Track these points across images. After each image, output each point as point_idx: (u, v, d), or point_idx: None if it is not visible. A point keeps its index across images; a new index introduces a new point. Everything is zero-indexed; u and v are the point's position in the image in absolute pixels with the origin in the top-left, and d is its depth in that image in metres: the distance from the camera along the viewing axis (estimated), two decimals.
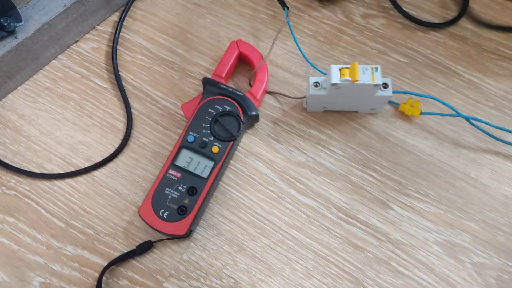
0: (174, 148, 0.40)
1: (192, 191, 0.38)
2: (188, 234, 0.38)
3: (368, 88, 0.38)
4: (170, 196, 0.38)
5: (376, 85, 0.37)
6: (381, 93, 0.39)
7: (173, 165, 0.39)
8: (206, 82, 0.42)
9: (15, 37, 0.42)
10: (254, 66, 0.43)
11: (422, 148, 0.41)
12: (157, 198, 0.38)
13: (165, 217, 0.38)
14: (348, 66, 0.37)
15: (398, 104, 0.43)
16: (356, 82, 0.37)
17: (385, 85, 0.39)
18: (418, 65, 0.45)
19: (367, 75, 0.37)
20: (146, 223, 0.38)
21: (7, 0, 0.41)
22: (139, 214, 0.38)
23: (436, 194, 0.40)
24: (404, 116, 0.43)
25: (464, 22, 0.47)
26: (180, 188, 0.38)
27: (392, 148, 0.42)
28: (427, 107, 0.43)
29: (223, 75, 0.42)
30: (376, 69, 0.37)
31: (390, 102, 0.43)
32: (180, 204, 0.38)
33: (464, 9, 0.47)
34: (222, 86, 0.42)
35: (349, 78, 0.37)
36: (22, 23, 0.42)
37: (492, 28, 0.46)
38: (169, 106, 0.44)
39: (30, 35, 0.42)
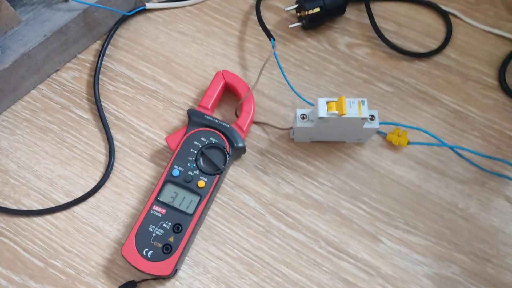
0: (159, 183, 0.38)
1: (178, 228, 0.37)
2: (173, 274, 0.36)
3: (355, 121, 0.37)
4: (154, 234, 0.37)
5: (363, 118, 0.37)
6: (368, 125, 0.39)
7: (157, 200, 0.38)
8: (191, 113, 0.41)
9: None
10: (241, 97, 0.42)
11: (410, 179, 0.41)
12: (141, 236, 0.37)
13: (149, 256, 0.36)
14: (335, 99, 0.37)
15: (385, 134, 0.43)
16: (343, 116, 0.36)
17: (372, 117, 0.39)
18: (403, 95, 0.45)
19: (354, 108, 0.37)
20: (129, 263, 0.36)
21: None
22: (121, 254, 0.36)
23: (425, 226, 0.39)
24: (391, 146, 0.42)
25: (448, 51, 0.47)
26: (164, 225, 0.37)
27: (380, 179, 0.41)
28: (414, 137, 0.43)
29: (209, 106, 0.41)
30: (363, 102, 0.37)
31: (378, 132, 0.43)
32: (165, 242, 0.36)
33: (448, 38, 0.47)
34: (207, 117, 0.40)
35: (336, 112, 0.36)
36: None
37: (474, 57, 0.47)
38: (153, 137, 0.43)
39: (8, 66, 0.40)
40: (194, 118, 0.41)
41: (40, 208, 0.40)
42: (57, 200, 0.40)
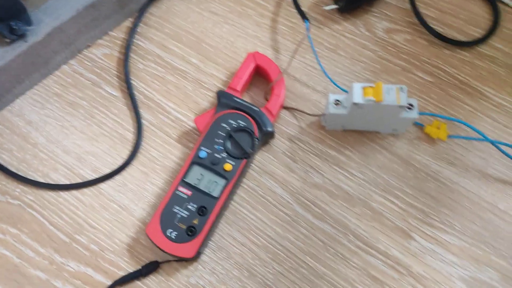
0: (185, 164, 0.36)
1: (202, 211, 0.34)
2: (196, 257, 0.34)
3: (392, 109, 0.34)
4: (179, 215, 0.34)
5: (401, 107, 0.33)
6: (406, 114, 0.35)
7: (183, 182, 0.35)
8: (221, 95, 0.38)
9: (25, 41, 0.38)
10: (271, 79, 0.39)
11: (448, 175, 0.37)
12: (166, 216, 0.34)
13: (173, 237, 0.34)
14: (372, 85, 0.33)
15: (422, 126, 0.39)
16: (380, 103, 0.33)
17: (411, 106, 0.35)
18: (444, 85, 0.41)
19: (392, 95, 0.33)
20: (153, 243, 0.34)
21: (18, 3, 0.37)
22: (146, 233, 0.34)
23: (462, 225, 0.35)
24: (428, 139, 0.38)
25: (493, 41, 0.42)
26: (189, 207, 0.35)
27: (415, 173, 0.37)
28: (453, 130, 0.38)
29: (239, 89, 0.38)
30: (402, 89, 0.33)
31: (415, 124, 0.39)
32: (189, 224, 0.34)
33: (494, 27, 0.42)
34: (237, 100, 0.38)
35: (373, 98, 0.33)
36: (32, 26, 0.38)
37: None
38: (182, 118, 0.40)
39: (41, 39, 0.39)
40: (223, 99, 0.38)
41: (68, 183, 0.38)
42: (84, 176, 0.39)
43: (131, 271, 0.35)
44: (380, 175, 0.37)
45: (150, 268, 0.35)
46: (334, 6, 0.43)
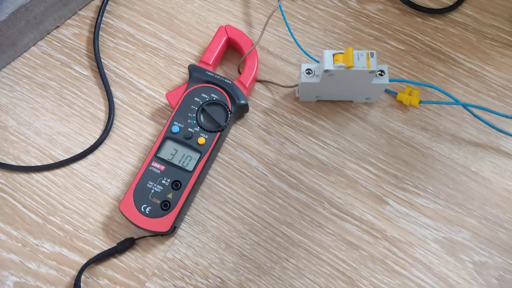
0: (158, 139, 0.35)
1: (177, 185, 0.34)
2: (172, 231, 0.34)
3: (363, 75, 0.33)
4: (153, 190, 0.34)
5: (372, 72, 0.33)
6: (377, 80, 0.35)
7: (156, 157, 0.35)
8: (192, 69, 0.37)
9: None
10: (244, 52, 0.38)
11: (420, 140, 0.37)
12: (139, 192, 0.34)
13: (147, 212, 0.33)
14: (342, 51, 0.33)
15: (395, 93, 0.38)
16: (351, 69, 0.32)
17: (382, 72, 0.35)
18: (416, 53, 0.40)
19: (362, 61, 0.33)
20: (127, 219, 0.33)
21: None
22: (119, 210, 0.34)
23: (435, 188, 0.36)
24: (401, 106, 0.38)
25: (465, 8, 0.42)
26: (163, 181, 0.34)
27: (388, 140, 0.37)
28: (426, 97, 0.38)
29: (211, 62, 0.38)
30: (372, 54, 0.33)
31: (387, 91, 0.39)
32: (163, 199, 0.34)
33: None
34: (209, 73, 0.37)
35: (343, 64, 0.32)
36: None
37: (492, 14, 0.42)
38: (154, 95, 0.40)
39: (4, 18, 0.37)
40: (195, 74, 0.37)
41: (39, 164, 0.37)
42: (56, 156, 0.38)
43: (106, 249, 0.34)
44: (354, 143, 0.37)
45: (125, 245, 0.34)
46: None
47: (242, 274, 0.34)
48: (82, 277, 0.34)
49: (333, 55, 0.33)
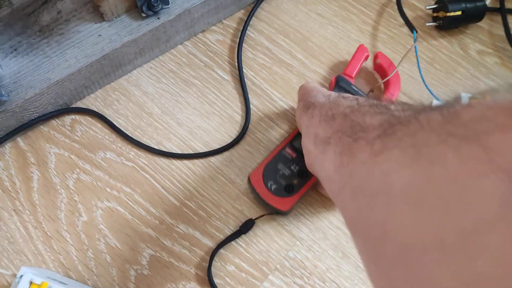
0: (294, 131, 0.39)
1: (303, 174, 0.37)
2: (289, 212, 0.37)
3: None
4: (281, 172, 0.38)
5: None
6: None
7: (291, 144, 0.39)
8: (340, 79, 0.40)
9: (158, 18, 0.41)
10: (387, 74, 0.41)
11: None
12: (269, 169, 0.38)
13: (272, 189, 0.37)
14: (478, 97, 0.36)
15: None
16: None
17: None
18: None
19: None
20: (253, 189, 0.37)
21: None
22: (248, 179, 0.37)
23: None
24: None
25: None
26: (292, 167, 0.38)
27: None
28: None
29: (353, 75, 0.41)
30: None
31: None
32: (288, 182, 0.37)
33: None
34: (353, 86, 0.40)
35: None
36: (168, 6, 0.41)
37: None
38: (286, 107, 0.43)
39: (171, 18, 0.41)
40: (342, 84, 0.40)
41: (180, 152, 0.41)
42: (195, 148, 0.41)
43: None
44: None
45: (247, 226, 0.37)
46: (434, 23, 0.46)
47: (357, 284, 0.37)
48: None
49: (469, 98, 0.36)
